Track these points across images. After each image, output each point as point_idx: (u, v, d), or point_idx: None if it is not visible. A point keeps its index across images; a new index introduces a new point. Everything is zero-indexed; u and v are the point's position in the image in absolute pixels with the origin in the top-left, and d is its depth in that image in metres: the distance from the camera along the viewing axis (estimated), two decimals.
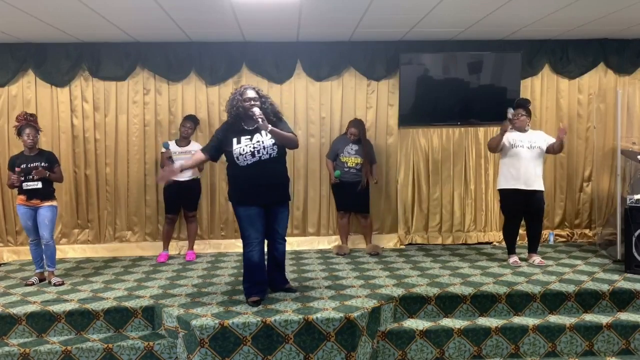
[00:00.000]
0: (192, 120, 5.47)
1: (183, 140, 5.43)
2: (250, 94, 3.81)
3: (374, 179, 5.61)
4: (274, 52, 5.74)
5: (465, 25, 5.21)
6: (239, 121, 3.86)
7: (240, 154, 3.79)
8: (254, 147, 3.79)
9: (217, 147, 3.93)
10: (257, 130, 3.81)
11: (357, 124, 5.53)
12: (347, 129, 5.59)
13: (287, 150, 3.98)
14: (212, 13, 4.59)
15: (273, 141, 3.81)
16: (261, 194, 3.83)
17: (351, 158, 5.49)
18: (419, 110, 5.90)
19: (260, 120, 3.67)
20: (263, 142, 3.80)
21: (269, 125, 3.71)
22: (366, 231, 5.73)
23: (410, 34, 5.50)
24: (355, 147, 5.50)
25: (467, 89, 5.88)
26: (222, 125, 4.05)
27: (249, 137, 3.82)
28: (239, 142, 3.81)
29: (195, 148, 5.43)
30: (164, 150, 5.33)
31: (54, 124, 5.70)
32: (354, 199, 5.55)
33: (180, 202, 5.46)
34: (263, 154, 3.79)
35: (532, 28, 5.33)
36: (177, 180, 5.27)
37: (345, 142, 5.56)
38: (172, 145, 5.40)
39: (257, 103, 3.79)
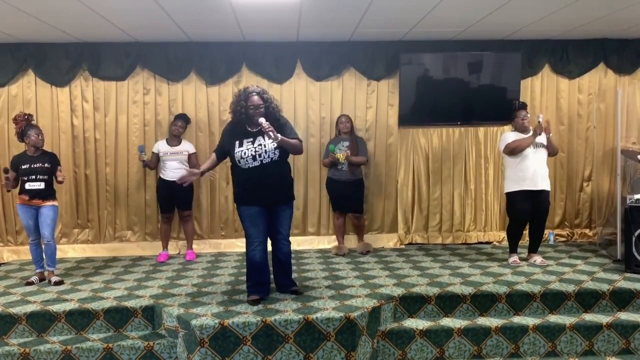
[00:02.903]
0: (183, 119, 5.47)
1: (174, 140, 5.43)
2: (256, 100, 3.78)
3: (351, 156, 5.38)
4: (274, 52, 5.74)
5: (465, 25, 5.20)
6: (242, 123, 3.85)
7: (242, 157, 3.80)
8: (255, 151, 3.78)
9: (222, 150, 3.98)
10: (260, 133, 3.80)
11: (346, 115, 5.64)
12: (336, 126, 5.66)
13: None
14: (212, 13, 4.59)
15: (275, 145, 3.79)
16: (263, 195, 3.83)
17: (342, 154, 5.45)
18: (419, 110, 5.90)
19: (271, 134, 3.66)
20: (265, 146, 3.79)
21: (279, 136, 3.71)
22: (358, 230, 5.74)
23: (410, 34, 5.50)
24: (346, 143, 5.50)
25: (467, 89, 5.88)
26: (226, 125, 4.06)
27: (251, 139, 3.82)
28: (240, 144, 3.81)
29: (186, 147, 5.45)
30: (139, 153, 5.34)
31: (54, 124, 5.71)
32: (347, 199, 5.55)
33: (173, 201, 5.45)
34: (264, 157, 3.79)
35: (532, 28, 5.32)
36: (166, 181, 5.33)
37: (337, 140, 5.58)
38: (163, 145, 5.39)
39: (262, 110, 3.78)
